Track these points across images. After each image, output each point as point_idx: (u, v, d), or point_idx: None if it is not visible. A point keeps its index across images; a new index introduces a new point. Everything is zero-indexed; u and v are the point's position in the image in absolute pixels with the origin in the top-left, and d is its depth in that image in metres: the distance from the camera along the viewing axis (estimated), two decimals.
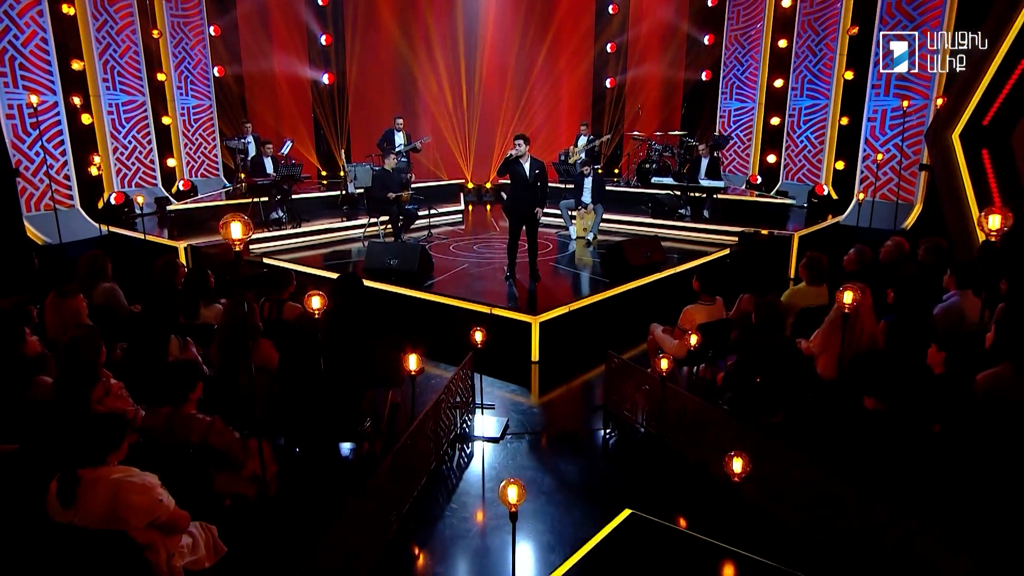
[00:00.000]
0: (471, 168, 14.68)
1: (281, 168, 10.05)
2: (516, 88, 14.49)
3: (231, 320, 3.87)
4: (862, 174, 10.68)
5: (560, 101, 14.68)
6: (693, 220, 10.74)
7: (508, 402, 5.61)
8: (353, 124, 14.06)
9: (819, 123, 12.04)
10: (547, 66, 14.49)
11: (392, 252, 7.49)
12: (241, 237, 3.02)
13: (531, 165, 7.09)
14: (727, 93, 14.02)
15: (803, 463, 3.45)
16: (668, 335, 5.41)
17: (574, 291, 7.49)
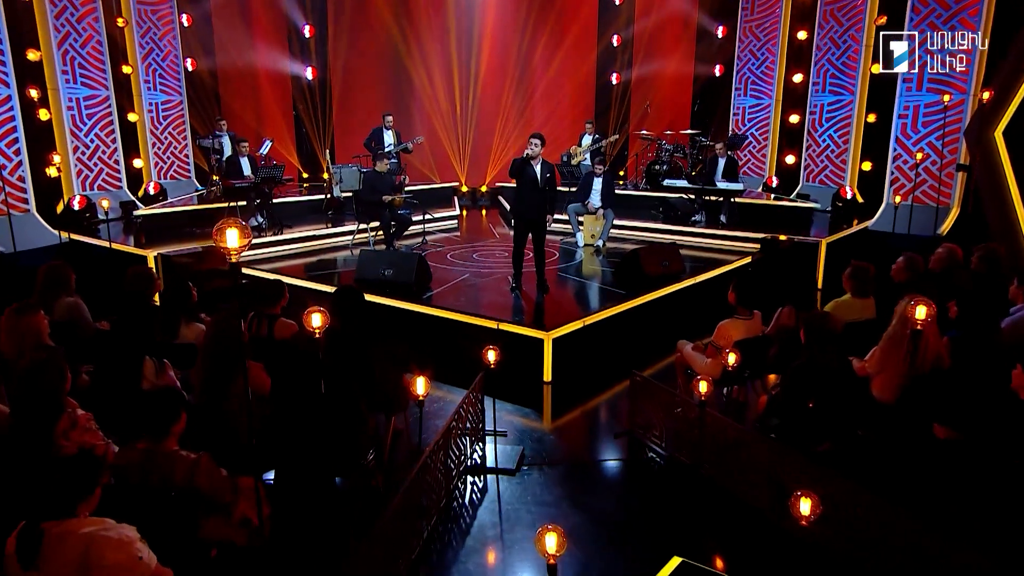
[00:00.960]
0: (465, 170, 14.61)
1: (261, 170, 9.86)
2: (515, 84, 14.47)
3: (217, 339, 3.64)
4: (892, 175, 10.61)
5: (562, 98, 14.66)
6: (708, 226, 10.65)
7: (518, 427, 5.44)
8: (338, 122, 13.95)
9: (843, 121, 11.99)
10: (548, 61, 14.47)
11: (386, 262, 7.32)
12: (238, 245, 2.80)
13: (542, 167, 7.00)
14: (741, 89, 13.98)
15: (881, 507, 3.25)
16: (699, 352, 5.27)
17: (587, 304, 7.39)
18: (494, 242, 10.49)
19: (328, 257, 9.31)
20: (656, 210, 11.97)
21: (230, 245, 2.80)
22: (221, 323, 3.68)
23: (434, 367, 5.92)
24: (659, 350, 6.71)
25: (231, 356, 3.63)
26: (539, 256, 7.36)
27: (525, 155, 6.87)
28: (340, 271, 8.52)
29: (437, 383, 5.96)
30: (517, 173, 6.96)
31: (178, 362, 4.31)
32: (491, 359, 4.70)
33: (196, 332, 4.65)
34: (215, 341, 3.65)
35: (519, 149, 14.22)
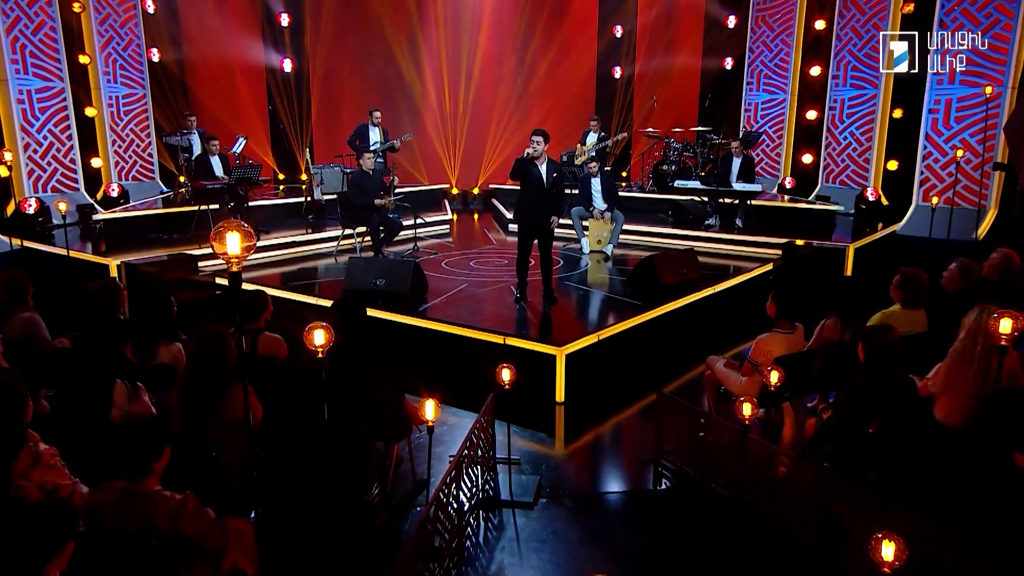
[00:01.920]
0: (456, 171, 14.50)
1: (234, 170, 9.65)
2: (512, 78, 14.40)
3: (202, 357, 3.43)
4: (922, 175, 10.55)
5: (561, 94, 14.60)
6: (723, 230, 10.59)
7: (529, 453, 5.30)
8: (318, 119, 13.81)
9: (866, 116, 11.96)
10: (547, 53, 14.41)
11: (378, 270, 7.19)
12: (240, 253, 2.62)
13: (548, 167, 6.91)
14: (753, 83, 13.94)
15: (970, 554, 3.06)
16: (732, 370, 5.10)
17: (599, 316, 7.32)
18: (491, 249, 10.40)
19: (309, 266, 9.21)
20: (665, 213, 11.96)
21: (231, 251, 2.57)
22: (206, 338, 3.47)
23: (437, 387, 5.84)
24: (678, 366, 6.73)
25: (217, 376, 3.42)
26: (545, 264, 7.27)
27: (526, 154, 6.77)
28: (323, 280, 8.40)
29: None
30: (520, 175, 6.87)
31: (152, 385, 4.09)
32: (505, 379, 4.52)
33: (173, 352, 4.44)
34: (199, 359, 3.43)
35: (516, 148, 14.18)
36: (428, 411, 4.00)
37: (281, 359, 4.43)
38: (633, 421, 5.87)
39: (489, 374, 4.46)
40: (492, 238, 11.32)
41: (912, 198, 10.70)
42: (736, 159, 10.87)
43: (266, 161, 13.43)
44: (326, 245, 9.96)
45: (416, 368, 6.11)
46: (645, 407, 5.98)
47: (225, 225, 2.68)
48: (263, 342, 4.43)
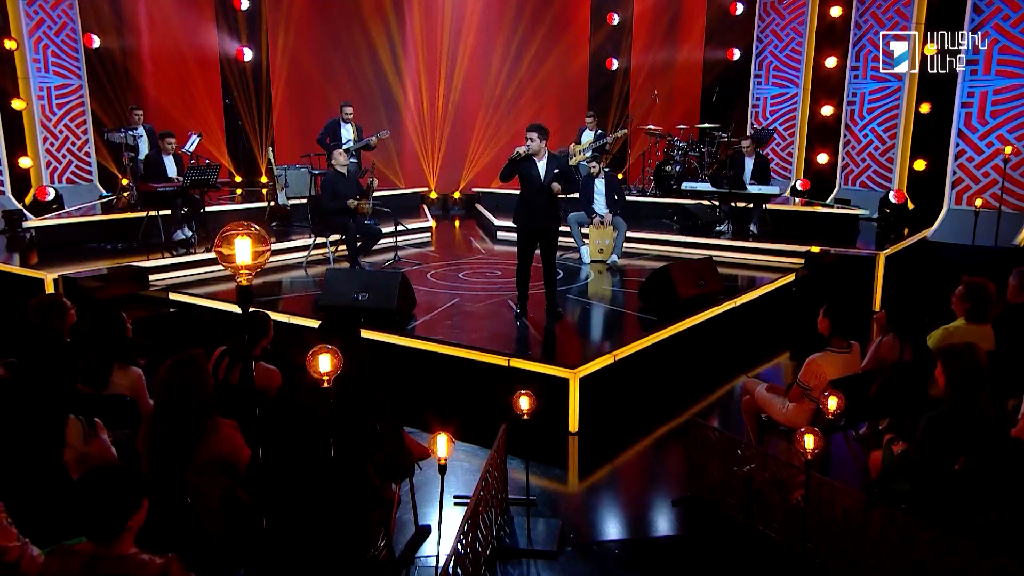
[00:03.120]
0: (436, 173, 14.42)
1: (190, 170, 9.33)
2: (499, 74, 14.37)
3: (176, 390, 3.16)
4: (954, 175, 10.56)
5: (552, 88, 14.62)
6: (735, 237, 10.55)
7: (540, 491, 5.11)
8: (281, 115, 13.64)
9: (889, 111, 12.01)
10: (535, 44, 14.39)
11: (360, 283, 7.04)
12: (252, 263, 2.56)
13: (548, 164, 6.80)
14: (762, 76, 13.99)
15: None
16: (777, 396, 4.96)
17: (611, 334, 7.22)
18: (481, 259, 10.33)
19: (273, 279, 9.02)
20: (669, 219, 11.92)
21: (241, 259, 2.42)
22: (181, 366, 3.21)
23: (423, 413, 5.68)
24: (698, 388, 6.76)
25: (195, 411, 3.17)
26: (549, 274, 7.18)
27: (518, 153, 6.67)
28: (289, 296, 8.24)
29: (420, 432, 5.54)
30: (514, 174, 6.76)
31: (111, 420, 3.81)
32: (524, 407, 4.32)
33: (132, 379, 4.20)
34: (173, 390, 3.17)
35: (503, 148, 14.09)
36: (440, 447, 3.78)
37: (274, 391, 4.22)
38: (654, 451, 5.80)
39: (494, 400, 4.31)
40: (480, 247, 11.24)
41: (943, 201, 10.69)
42: (748, 158, 10.83)
43: (221, 161, 13.12)
44: (293, 256, 9.80)
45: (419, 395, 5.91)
46: (665, 435, 5.96)
47: (234, 229, 2.55)
48: (257, 372, 4.18)
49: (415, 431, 5.12)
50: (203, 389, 3.23)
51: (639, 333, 6.85)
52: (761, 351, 7.84)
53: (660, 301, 7.51)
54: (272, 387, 4.21)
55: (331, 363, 3.02)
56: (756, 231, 10.59)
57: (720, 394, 6.90)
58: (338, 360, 3.05)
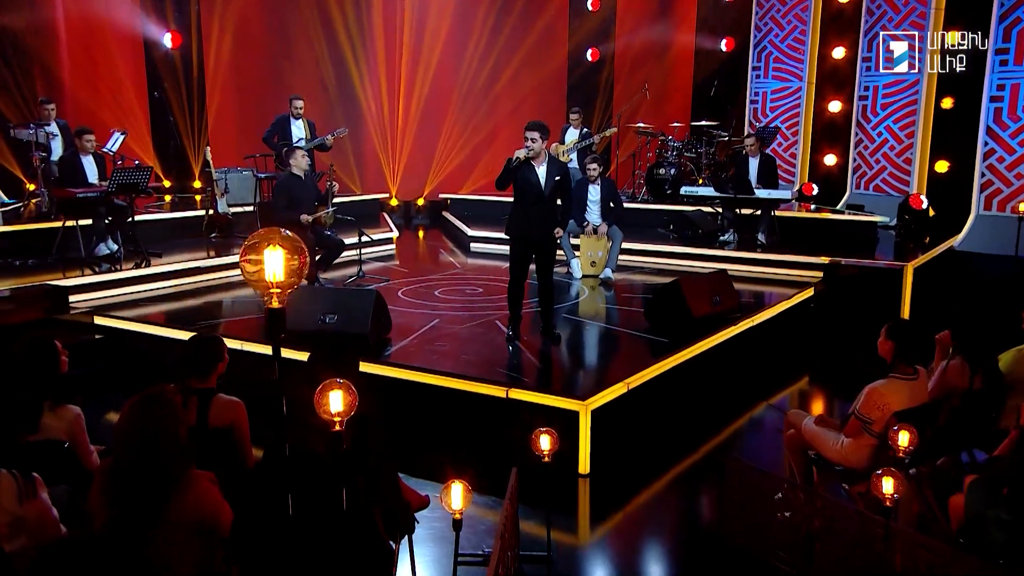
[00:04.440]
0: (398, 178, 14.35)
1: (116, 174, 8.99)
2: (471, 64, 14.38)
3: (140, 438, 2.88)
4: (983, 177, 10.66)
5: (530, 83, 14.68)
6: (741, 247, 10.57)
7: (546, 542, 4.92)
8: (220, 111, 13.35)
9: (906, 107, 12.12)
10: (512, 34, 14.46)
11: (327, 304, 6.86)
12: (287, 280, 2.47)
13: (548, 169, 6.82)
14: (761, 69, 14.10)
15: None
16: (829, 430, 4.84)
17: (619, 359, 7.19)
18: (456, 274, 10.27)
19: (214, 299, 8.89)
20: (665, 227, 11.90)
21: (272, 275, 2.44)
22: (148, 407, 2.92)
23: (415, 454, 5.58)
24: (716, 418, 6.80)
25: (163, 463, 2.91)
26: (546, 291, 7.16)
27: (518, 156, 6.67)
28: (232, 319, 8.04)
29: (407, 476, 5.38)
30: (512, 180, 6.77)
31: (44, 473, 3.50)
32: (545, 448, 4.24)
33: (68, 420, 3.94)
34: (137, 437, 2.90)
35: (475, 150, 13.96)
36: (455, 497, 3.61)
37: (242, 431, 3.97)
38: (673, 493, 5.80)
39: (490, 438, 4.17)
40: (453, 261, 11.19)
41: (971, 206, 10.79)
42: (753, 159, 10.82)
43: (146, 163, 12.71)
44: (236, 272, 9.50)
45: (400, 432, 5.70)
46: (685, 473, 5.96)
47: (262, 237, 2.46)
48: (217, 408, 3.97)
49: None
50: (174, 435, 2.94)
51: (650, 358, 6.78)
52: (777, 375, 7.88)
53: (670, 321, 7.46)
54: (238, 423, 4.00)
55: (344, 401, 2.80)
56: (764, 240, 10.58)
57: (739, 424, 6.92)
58: (352, 398, 2.84)
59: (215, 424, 3.88)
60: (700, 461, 6.10)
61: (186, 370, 4.06)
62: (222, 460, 3.79)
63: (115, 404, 6.70)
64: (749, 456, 6.07)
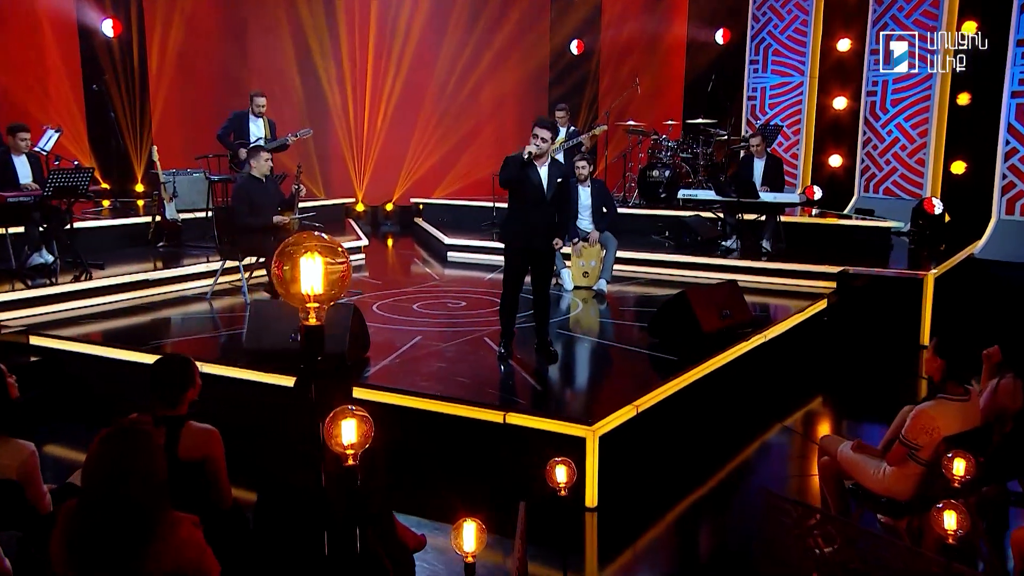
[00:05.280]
0: (365, 181, 14.28)
1: (53, 176, 8.86)
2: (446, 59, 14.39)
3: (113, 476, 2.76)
4: (1004, 179, 10.75)
5: (510, 80, 14.70)
6: (745, 256, 10.60)
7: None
8: (167, 107, 13.21)
9: (919, 104, 12.22)
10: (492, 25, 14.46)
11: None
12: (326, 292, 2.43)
13: (551, 171, 6.77)
14: (759, 62, 14.17)
15: None
16: (870, 457, 4.75)
17: (622, 379, 7.13)
18: (434, 286, 10.24)
19: (164, 315, 8.78)
20: (660, 234, 11.94)
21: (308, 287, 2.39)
22: (123, 441, 2.79)
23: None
24: (727, 442, 6.81)
25: (140, 506, 2.77)
26: (543, 305, 7.11)
27: (528, 153, 6.57)
28: (182, 339, 7.96)
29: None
30: (514, 180, 6.68)
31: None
32: (561, 480, 4.11)
33: (21, 457, 3.78)
34: (110, 476, 2.77)
35: (450, 151, 13.91)
36: (468, 538, 3.43)
37: (217, 464, 3.85)
38: (687, 526, 5.80)
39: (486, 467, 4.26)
40: (429, 271, 11.21)
41: (991, 210, 10.88)
42: (759, 160, 10.86)
43: (83, 163, 12.52)
44: (189, 285, 9.63)
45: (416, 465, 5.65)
46: (697, 504, 5.93)
47: (298, 243, 2.43)
48: (189, 438, 3.83)
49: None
50: (152, 472, 2.80)
51: (658, 377, 6.74)
52: (788, 394, 7.88)
53: (678, 336, 7.43)
54: (213, 455, 3.88)
55: (359, 432, 2.69)
56: (770, 248, 10.60)
57: (754, 448, 6.92)
58: (369, 427, 2.74)
59: (187, 456, 3.74)
60: (715, 489, 6.09)
61: (152, 396, 3.93)
62: (195, 498, 3.66)
63: (56, 435, 6.61)
64: (764, 483, 6.10)
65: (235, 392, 6.50)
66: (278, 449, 4.15)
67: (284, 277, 2.47)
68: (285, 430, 3.92)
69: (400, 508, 5.09)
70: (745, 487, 6.27)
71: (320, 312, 2.50)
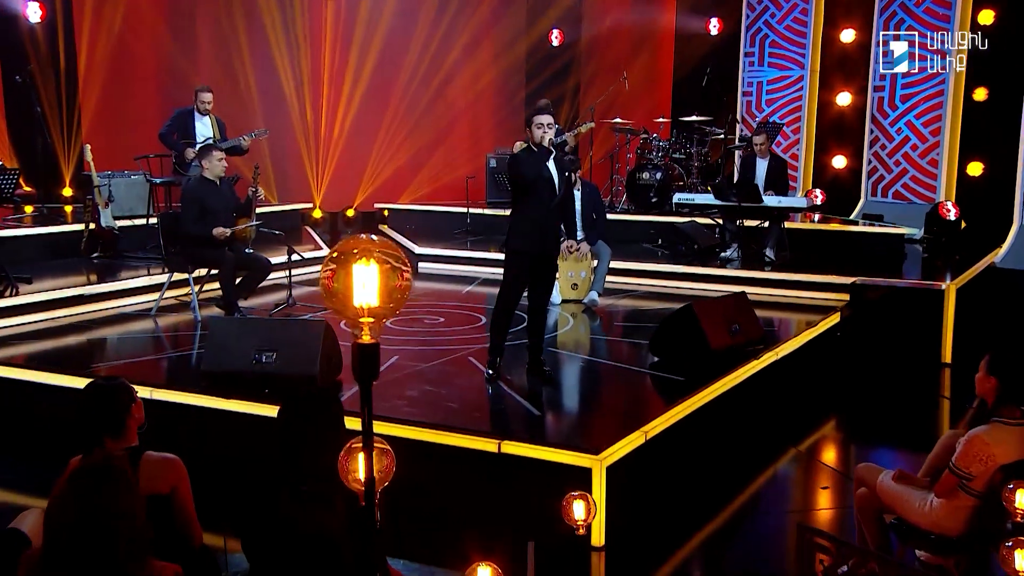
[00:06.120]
0: (324, 186, 14.20)
1: None
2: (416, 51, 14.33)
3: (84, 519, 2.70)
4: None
5: (486, 75, 14.73)
6: (746, 265, 10.65)
7: None
8: (101, 103, 13.00)
9: (931, 99, 12.35)
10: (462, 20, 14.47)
11: (263, 338, 6.66)
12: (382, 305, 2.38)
13: (558, 166, 6.78)
14: (755, 55, 14.25)
15: None
16: (915, 488, 4.71)
17: (624, 402, 7.15)
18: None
19: (99, 335, 8.66)
20: (652, 242, 11.96)
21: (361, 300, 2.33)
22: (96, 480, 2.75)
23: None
24: (739, 470, 6.83)
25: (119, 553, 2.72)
26: (540, 319, 7.14)
27: (549, 138, 6.58)
28: (135, 360, 7.78)
29: None
30: (525, 173, 6.65)
31: None
32: (579, 517, 4.12)
33: None
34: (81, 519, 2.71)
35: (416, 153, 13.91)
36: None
37: (184, 498, 3.80)
38: (701, 563, 5.85)
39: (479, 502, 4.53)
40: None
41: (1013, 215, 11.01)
42: (762, 161, 10.92)
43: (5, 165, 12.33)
44: (129, 300, 9.51)
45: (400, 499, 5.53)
46: (711, 539, 5.98)
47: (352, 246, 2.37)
48: (149, 470, 3.74)
49: None
50: (130, 517, 2.77)
51: (666, 399, 6.76)
52: (798, 418, 7.92)
53: (683, 354, 7.40)
54: (179, 488, 3.83)
55: (379, 467, 2.74)
56: (773, 257, 10.67)
57: (767, 477, 6.96)
58: (390, 461, 2.80)
59: (149, 491, 3.62)
60: (729, 522, 6.13)
61: (91, 430, 3.85)
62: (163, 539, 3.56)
63: None
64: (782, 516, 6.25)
65: (192, 421, 6.42)
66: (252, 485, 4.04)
67: (333, 286, 2.38)
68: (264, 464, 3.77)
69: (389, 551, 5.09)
70: (762, 520, 6.32)
71: (376, 328, 2.44)
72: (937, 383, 8.85)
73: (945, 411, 8.42)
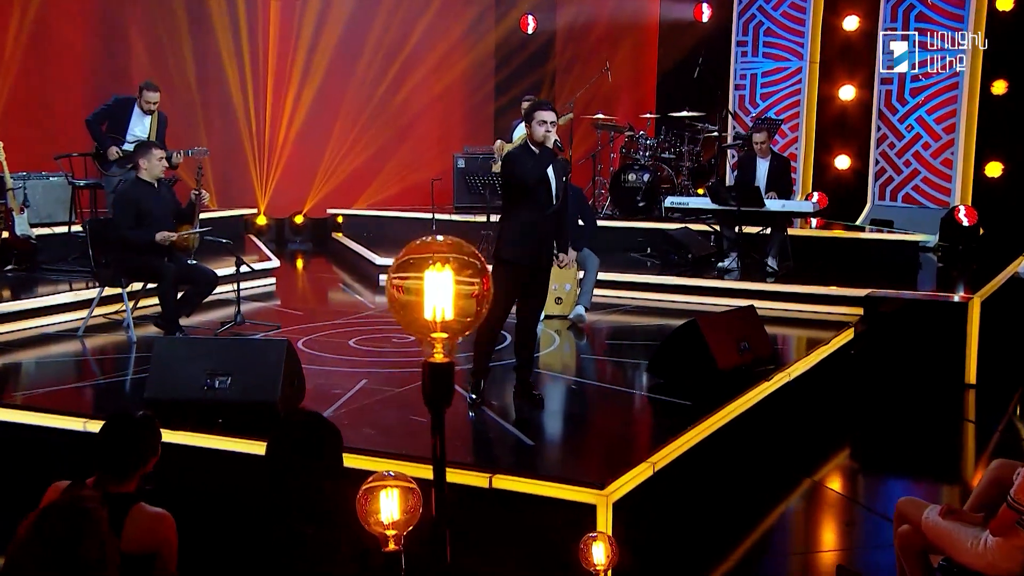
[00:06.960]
0: (269, 190, 14.14)
1: None
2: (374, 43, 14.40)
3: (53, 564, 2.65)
4: None
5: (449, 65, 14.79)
6: (746, 276, 10.72)
7: None
8: (14, 93, 12.85)
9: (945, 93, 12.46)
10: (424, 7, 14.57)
11: (215, 361, 6.55)
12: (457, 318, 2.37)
13: (556, 169, 6.79)
14: (748, 44, 14.34)
15: None
16: (967, 525, 4.68)
17: (626, 429, 7.17)
18: (370, 316, 10.24)
19: (12, 359, 8.56)
20: (642, 251, 12.02)
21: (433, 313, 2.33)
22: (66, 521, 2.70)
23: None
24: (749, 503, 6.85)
25: None
26: (531, 338, 7.13)
27: (538, 141, 6.57)
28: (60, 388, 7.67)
29: None
30: (525, 177, 6.63)
31: None
32: (600, 560, 4.13)
33: None
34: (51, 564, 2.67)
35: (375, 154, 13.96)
36: None
37: (170, 558, 3.78)
38: None
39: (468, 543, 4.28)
40: (359, 299, 11.23)
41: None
42: (762, 161, 10.96)
43: None
44: (51, 319, 9.45)
45: None
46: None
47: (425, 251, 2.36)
48: (137, 525, 3.71)
49: None
50: (101, 561, 2.69)
51: (672, 426, 6.66)
52: (809, 445, 7.96)
53: (687, 375, 7.39)
54: (165, 547, 3.79)
55: (404, 507, 2.86)
56: (776, 267, 10.72)
57: (782, 510, 7.00)
58: (417, 501, 2.91)
59: (131, 549, 3.57)
60: (743, 560, 6.18)
61: (96, 465, 3.87)
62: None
63: None
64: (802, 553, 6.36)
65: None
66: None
67: (399, 297, 2.31)
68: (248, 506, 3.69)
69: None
70: (780, 559, 6.36)
71: (450, 344, 2.42)
72: (961, 406, 8.87)
73: (970, 436, 8.49)
